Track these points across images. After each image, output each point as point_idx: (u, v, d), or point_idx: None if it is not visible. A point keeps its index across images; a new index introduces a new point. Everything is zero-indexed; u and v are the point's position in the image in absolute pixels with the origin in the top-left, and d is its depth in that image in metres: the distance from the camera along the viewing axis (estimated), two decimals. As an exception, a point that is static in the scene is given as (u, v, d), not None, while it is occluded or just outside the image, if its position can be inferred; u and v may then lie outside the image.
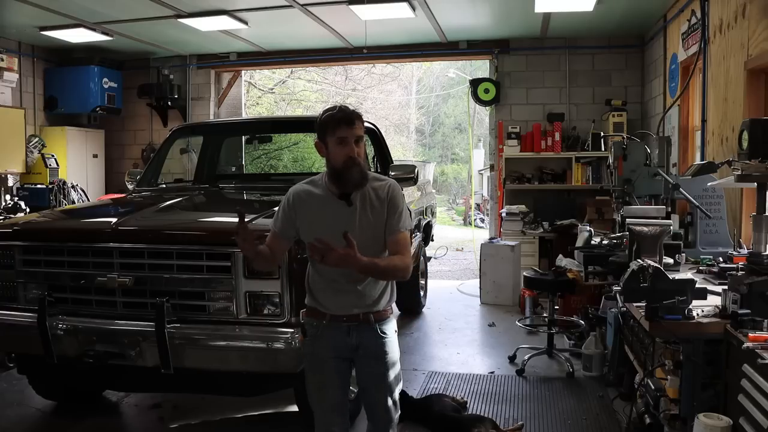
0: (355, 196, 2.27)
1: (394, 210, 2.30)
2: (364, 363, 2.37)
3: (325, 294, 2.33)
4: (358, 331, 2.32)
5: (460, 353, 5.14)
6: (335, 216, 2.26)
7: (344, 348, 2.34)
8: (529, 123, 7.86)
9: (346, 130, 2.23)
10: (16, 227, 3.39)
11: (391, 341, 2.38)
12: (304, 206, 2.31)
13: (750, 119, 3.00)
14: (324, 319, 2.33)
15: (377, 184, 2.34)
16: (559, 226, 7.07)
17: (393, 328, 2.41)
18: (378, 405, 2.40)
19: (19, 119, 7.48)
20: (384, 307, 2.37)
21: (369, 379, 2.39)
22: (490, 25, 7.28)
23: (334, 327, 2.32)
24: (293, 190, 2.38)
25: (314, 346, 2.37)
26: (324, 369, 2.36)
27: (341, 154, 2.23)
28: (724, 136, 4.72)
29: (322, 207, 2.29)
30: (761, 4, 4.03)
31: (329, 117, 2.26)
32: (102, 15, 6.65)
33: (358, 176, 2.24)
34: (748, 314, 2.34)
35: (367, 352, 2.34)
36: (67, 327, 3.08)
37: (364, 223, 2.26)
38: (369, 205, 2.29)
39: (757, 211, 2.90)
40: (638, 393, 3.12)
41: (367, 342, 2.33)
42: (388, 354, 2.36)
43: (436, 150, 30.63)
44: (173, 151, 5.55)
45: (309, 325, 2.39)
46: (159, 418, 3.80)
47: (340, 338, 2.32)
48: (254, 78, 17.77)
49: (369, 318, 2.32)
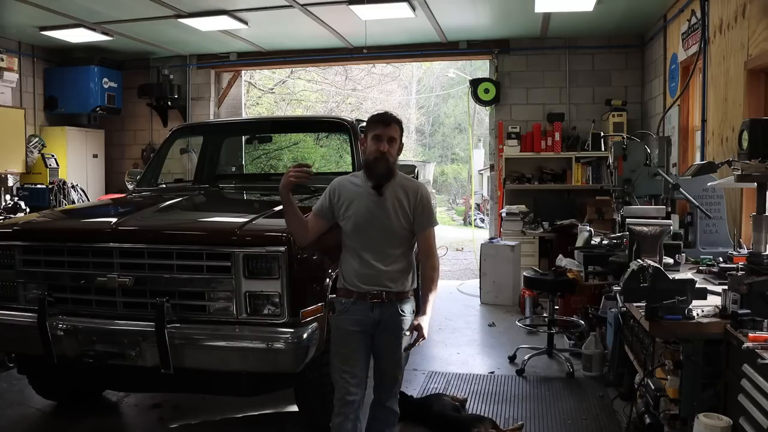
0: (386, 189, 2.63)
1: (424, 209, 2.68)
2: (383, 336, 2.66)
3: (354, 275, 2.65)
4: (380, 308, 2.63)
5: (460, 353, 5.14)
6: (368, 204, 2.65)
7: (367, 322, 2.64)
8: (529, 123, 7.86)
9: (381, 129, 2.63)
10: (16, 227, 3.38)
11: (408, 320, 2.67)
12: (345, 193, 2.69)
13: (750, 119, 3.00)
14: (351, 297, 2.65)
15: (408, 183, 2.72)
16: (559, 226, 7.07)
17: (411, 308, 2.72)
18: (387, 370, 2.72)
19: (19, 119, 7.48)
20: (406, 289, 2.70)
21: (383, 349, 2.68)
22: (490, 25, 7.28)
23: (360, 303, 2.64)
24: (337, 179, 2.78)
25: (340, 320, 2.67)
26: (347, 341, 2.64)
27: (374, 148, 2.62)
28: (724, 136, 4.72)
29: (359, 195, 2.66)
30: (761, 4, 4.03)
31: (371, 117, 2.72)
32: (102, 15, 6.65)
33: (384, 169, 2.61)
34: (748, 314, 2.34)
35: (387, 327, 2.64)
36: (67, 327, 3.08)
37: (392, 213, 2.63)
38: (397, 199, 2.65)
39: (757, 211, 2.90)
40: (638, 393, 3.12)
41: (387, 318, 2.64)
42: (404, 330, 2.64)
43: (436, 150, 30.64)
44: (173, 151, 5.54)
45: (338, 303, 2.72)
46: (159, 418, 3.80)
47: (364, 313, 2.63)
48: (254, 78, 17.76)
49: (391, 297, 2.64)
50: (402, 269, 2.68)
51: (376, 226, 2.63)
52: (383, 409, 2.77)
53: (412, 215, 2.66)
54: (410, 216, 2.65)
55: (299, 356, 2.90)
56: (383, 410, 2.77)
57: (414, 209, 2.66)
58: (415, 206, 2.66)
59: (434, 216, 2.75)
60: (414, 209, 2.66)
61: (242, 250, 2.93)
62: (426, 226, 2.68)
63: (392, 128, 2.64)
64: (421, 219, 2.67)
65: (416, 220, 2.66)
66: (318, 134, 14.18)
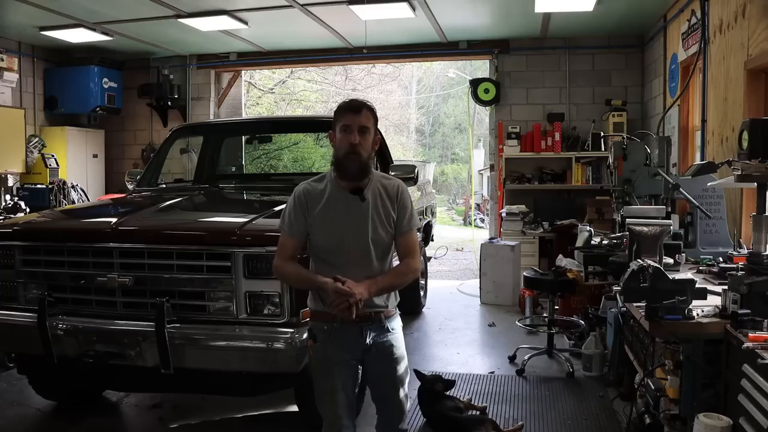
0: (367, 192, 2.28)
1: (404, 210, 2.33)
2: (376, 360, 2.36)
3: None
4: (370, 330, 2.31)
5: (460, 353, 5.14)
6: (348, 211, 2.27)
7: (357, 349, 2.32)
8: (529, 123, 7.86)
9: (350, 118, 2.24)
10: (16, 227, 3.38)
11: (399, 336, 2.40)
12: (316, 203, 2.29)
13: (750, 119, 3.00)
14: (335, 321, 2.26)
15: (386, 182, 2.36)
16: (559, 226, 7.07)
17: (399, 324, 2.43)
18: (390, 399, 2.42)
19: (19, 119, 7.48)
20: (393, 305, 2.39)
21: (380, 375, 2.40)
22: (490, 25, 7.28)
23: (346, 328, 2.27)
24: (300, 188, 2.35)
25: (326, 350, 2.32)
26: (335, 372, 2.33)
27: (344, 141, 2.23)
28: (724, 136, 4.72)
29: (333, 202, 2.28)
30: (761, 4, 4.03)
31: (339, 105, 2.30)
32: (102, 15, 6.65)
33: (355, 167, 2.24)
34: (748, 314, 2.34)
35: (379, 350, 2.34)
36: (67, 327, 3.08)
37: (376, 220, 2.28)
38: (380, 201, 2.31)
39: (757, 211, 2.89)
40: (638, 393, 3.12)
41: (378, 340, 2.33)
42: (398, 349, 2.38)
43: (436, 150, 30.63)
44: (173, 151, 5.55)
45: (318, 330, 2.33)
46: (159, 418, 3.80)
47: (353, 339, 2.30)
48: (254, 78, 17.77)
49: (380, 316, 2.32)
50: None
51: (360, 238, 2.26)
52: None
53: (395, 217, 2.32)
54: (394, 218, 2.31)
55: (299, 356, 2.90)
56: None
57: (398, 211, 2.32)
58: (398, 207, 2.32)
59: (414, 216, 2.39)
60: (398, 211, 2.32)
61: (242, 250, 2.93)
62: (408, 228, 2.34)
63: (363, 116, 2.24)
64: (402, 221, 2.33)
65: (398, 222, 2.32)
66: (318, 134, 14.19)
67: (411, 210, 2.37)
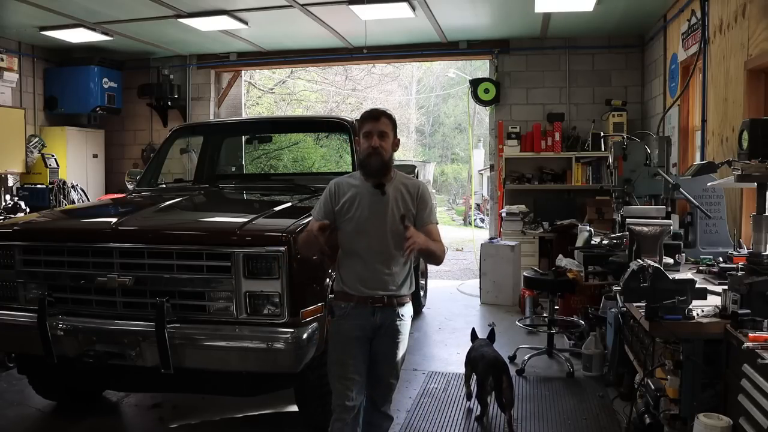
0: (388, 188, 2.60)
1: (425, 205, 2.66)
2: (381, 340, 2.64)
3: (355, 278, 2.61)
4: (381, 312, 2.60)
5: (460, 353, 5.11)
6: (370, 203, 2.60)
7: (368, 327, 2.61)
8: (529, 123, 7.86)
9: (370, 125, 2.60)
10: (16, 227, 3.38)
11: (406, 324, 2.68)
12: (345, 194, 2.64)
13: (750, 119, 3.00)
14: (352, 301, 2.61)
15: (408, 182, 2.69)
16: (559, 226, 7.07)
17: (410, 312, 2.71)
18: (383, 380, 2.69)
19: (19, 119, 7.48)
20: (406, 293, 2.68)
21: (381, 354, 2.65)
22: (490, 25, 7.28)
23: (360, 307, 2.59)
24: (335, 181, 2.72)
25: (341, 325, 2.64)
26: (347, 346, 2.61)
27: (366, 145, 2.59)
28: (724, 136, 4.72)
29: (359, 196, 2.62)
30: (761, 4, 4.03)
31: (361, 115, 2.69)
32: (102, 15, 6.65)
33: (377, 164, 2.58)
34: (748, 314, 2.34)
35: (386, 332, 2.63)
36: (67, 327, 3.08)
37: (395, 211, 2.59)
38: (400, 197, 2.62)
39: (757, 211, 2.90)
40: (638, 393, 3.12)
41: (387, 322, 2.62)
42: (403, 334, 2.67)
43: (436, 150, 30.64)
44: (173, 151, 5.55)
45: (337, 307, 2.67)
46: (159, 418, 3.80)
47: (365, 318, 2.60)
48: (254, 78, 17.76)
49: (392, 301, 2.62)
50: (404, 272, 2.65)
51: (380, 228, 2.58)
52: (379, 415, 2.73)
53: (415, 212, 2.62)
54: (413, 213, 2.62)
55: (299, 356, 2.90)
56: (379, 416, 2.73)
57: (417, 206, 2.63)
58: (417, 202, 2.63)
59: (435, 211, 2.71)
60: (417, 206, 2.63)
61: (242, 250, 2.93)
62: (429, 221, 2.64)
63: (382, 122, 2.60)
64: (422, 214, 2.63)
65: (419, 215, 2.63)
66: (318, 134, 14.20)
67: (431, 206, 2.68)
